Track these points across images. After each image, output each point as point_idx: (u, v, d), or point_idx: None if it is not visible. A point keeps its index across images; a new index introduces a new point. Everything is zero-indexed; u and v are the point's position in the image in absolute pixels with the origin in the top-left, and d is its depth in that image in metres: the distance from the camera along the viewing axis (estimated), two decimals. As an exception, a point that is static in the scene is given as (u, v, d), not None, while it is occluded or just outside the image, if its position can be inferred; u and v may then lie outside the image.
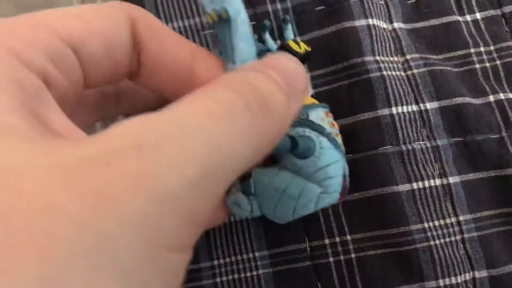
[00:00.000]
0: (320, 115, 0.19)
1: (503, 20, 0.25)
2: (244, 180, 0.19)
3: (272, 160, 0.18)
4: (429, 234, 0.21)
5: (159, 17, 0.25)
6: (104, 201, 0.09)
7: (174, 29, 0.25)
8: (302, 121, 0.18)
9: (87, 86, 0.14)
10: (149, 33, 0.14)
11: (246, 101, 0.11)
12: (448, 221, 0.22)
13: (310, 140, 0.18)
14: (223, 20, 0.14)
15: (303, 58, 0.22)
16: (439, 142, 0.23)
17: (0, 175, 0.09)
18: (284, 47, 0.21)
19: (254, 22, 0.25)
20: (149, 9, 0.25)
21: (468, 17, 0.25)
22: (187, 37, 0.25)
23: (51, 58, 0.12)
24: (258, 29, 0.25)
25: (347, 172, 0.19)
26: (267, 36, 0.24)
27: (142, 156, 0.09)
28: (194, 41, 0.25)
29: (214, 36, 0.25)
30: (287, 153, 0.17)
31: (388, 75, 0.23)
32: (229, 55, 0.15)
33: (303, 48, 0.22)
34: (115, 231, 0.09)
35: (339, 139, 0.19)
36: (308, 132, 0.18)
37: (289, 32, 0.24)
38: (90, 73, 0.14)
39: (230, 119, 0.11)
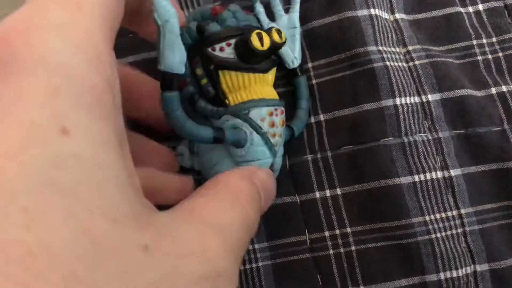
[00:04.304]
0: (262, 114, 0.19)
1: (506, 11, 0.25)
2: (191, 140, 0.21)
3: None
4: (430, 227, 0.21)
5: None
6: None
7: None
8: (242, 115, 0.19)
9: None
10: None
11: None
12: (449, 214, 0.22)
13: (243, 133, 0.19)
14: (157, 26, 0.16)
15: (266, 54, 0.19)
16: (440, 135, 0.23)
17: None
18: (243, 42, 0.18)
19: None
20: None
21: (470, 9, 0.25)
22: None
23: None
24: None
25: (276, 173, 0.22)
26: (261, 13, 0.23)
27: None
28: None
29: None
30: (210, 142, 0.19)
31: (391, 65, 0.23)
32: (158, 59, 0.17)
33: (267, 44, 0.18)
34: None
35: (276, 140, 0.20)
36: (245, 126, 0.19)
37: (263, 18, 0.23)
38: None
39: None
